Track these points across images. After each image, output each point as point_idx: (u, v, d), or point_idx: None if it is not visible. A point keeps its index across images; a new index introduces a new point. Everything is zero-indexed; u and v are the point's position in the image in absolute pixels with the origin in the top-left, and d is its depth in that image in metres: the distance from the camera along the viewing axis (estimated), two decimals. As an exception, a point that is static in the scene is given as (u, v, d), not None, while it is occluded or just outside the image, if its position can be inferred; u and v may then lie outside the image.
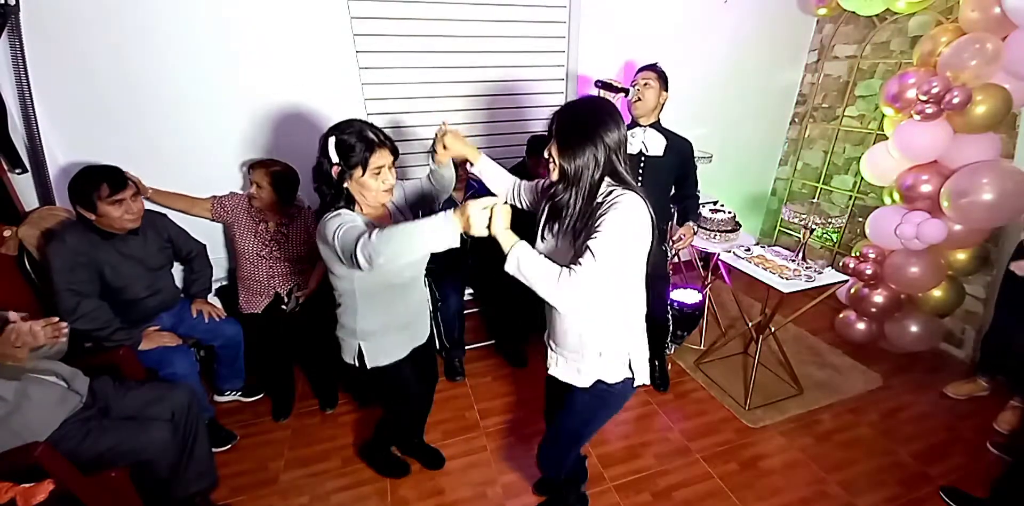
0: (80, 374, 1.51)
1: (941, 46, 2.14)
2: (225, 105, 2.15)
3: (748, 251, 2.21)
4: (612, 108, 1.10)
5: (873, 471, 1.88)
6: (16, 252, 1.79)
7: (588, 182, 1.08)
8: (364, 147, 1.20)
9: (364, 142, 1.20)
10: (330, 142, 1.20)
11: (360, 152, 1.20)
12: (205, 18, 2.00)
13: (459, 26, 2.39)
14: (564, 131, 1.09)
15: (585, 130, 1.06)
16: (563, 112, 1.12)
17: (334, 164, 1.21)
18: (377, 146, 1.22)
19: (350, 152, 1.19)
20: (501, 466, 1.91)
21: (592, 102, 1.13)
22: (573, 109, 1.12)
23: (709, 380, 2.39)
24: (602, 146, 1.06)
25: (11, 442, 1.24)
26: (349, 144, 1.19)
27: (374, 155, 1.21)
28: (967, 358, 2.53)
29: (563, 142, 1.08)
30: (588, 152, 1.06)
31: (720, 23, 2.89)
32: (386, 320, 1.42)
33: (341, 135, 1.20)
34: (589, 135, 1.06)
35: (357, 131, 1.21)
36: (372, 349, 1.43)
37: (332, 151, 1.20)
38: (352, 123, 1.23)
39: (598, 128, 1.06)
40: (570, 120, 1.09)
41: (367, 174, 1.22)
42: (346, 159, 1.20)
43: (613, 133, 1.07)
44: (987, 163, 2.09)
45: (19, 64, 1.77)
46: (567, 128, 1.08)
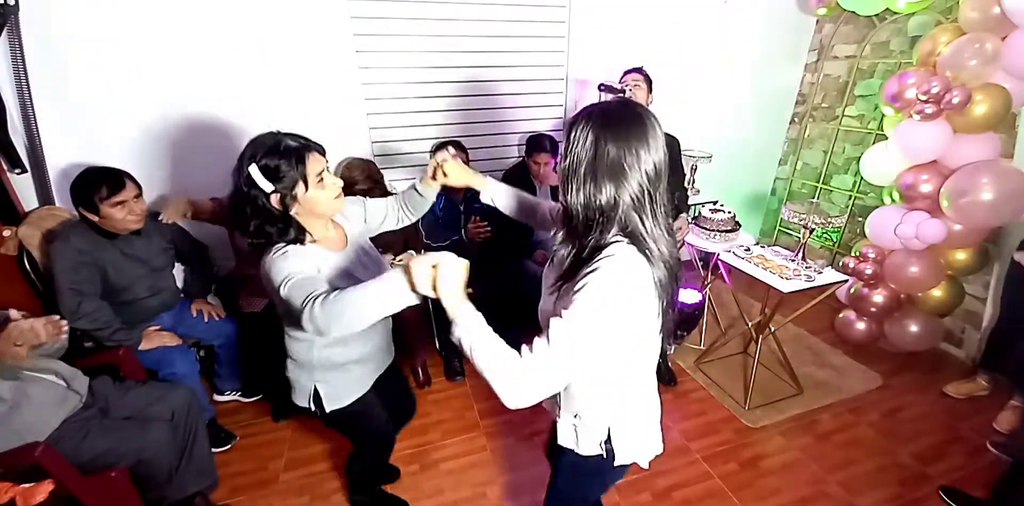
0: (80, 374, 1.51)
1: (941, 46, 2.14)
2: (225, 105, 2.15)
3: (748, 251, 2.21)
4: (650, 122, 0.79)
5: (873, 471, 1.88)
6: (16, 252, 1.79)
7: (593, 239, 0.81)
8: (294, 159, 1.02)
9: (290, 154, 1.02)
10: (253, 171, 1.00)
11: (292, 166, 1.02)
12: (205, 18, 2.01)
13: (459, 26, 2.39)
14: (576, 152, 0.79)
15: (613, 155, 0.76)
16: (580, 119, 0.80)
17: (270, 193, 1.02)
18: (305, 151, 1.04)
19: (280, 172, 1.01)
20: (501, 466, 1.91)
21: (628, 111, 0.80)
22: (600, 117, 0.78)
23: (709, 380, 2.39)
24: (629, 186, 0.78)
25: (11, 442, 1.24)
26: (275, 164, 1.01)
27: (308, 163, 1.04)
28: (967, 358, 2.53)
29: (571, 168, 0.80)
30: (607, 188, 0.78)
31: (720, 23, 2.89)
32: (347, 353, 1.25)
33: (261, 159, 1.00)
34: (617, 165, 0.77)
35: (274, 146, 1.02)
36: (331, 390, 1.26)
37: (261, 179, 1.00)
38: (261, 141, 1.03)
39: (630, 155, 0.77)
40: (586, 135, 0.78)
41: (311, 187, 1.05)
42: (281, 181, 1.01)
43: (638, 172, 0.78)
44: (987, 163, 2.09)
45: (19, 64, 1.77)
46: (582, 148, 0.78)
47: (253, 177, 1.01)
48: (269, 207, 1.03)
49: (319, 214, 1.11)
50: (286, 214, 1.05)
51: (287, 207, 1.05)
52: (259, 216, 1.04)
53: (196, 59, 2.05)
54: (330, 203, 1.10)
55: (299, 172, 1.03)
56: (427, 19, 2.33)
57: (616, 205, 0.79)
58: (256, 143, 1.04)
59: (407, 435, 2.05)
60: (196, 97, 2.10)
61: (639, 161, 0.77)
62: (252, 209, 1.04)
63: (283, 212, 1.05)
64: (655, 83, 2.08)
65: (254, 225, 1.05)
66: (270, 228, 1.05)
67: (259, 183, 1.01)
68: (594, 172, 0.78)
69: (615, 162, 0.77)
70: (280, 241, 1.06)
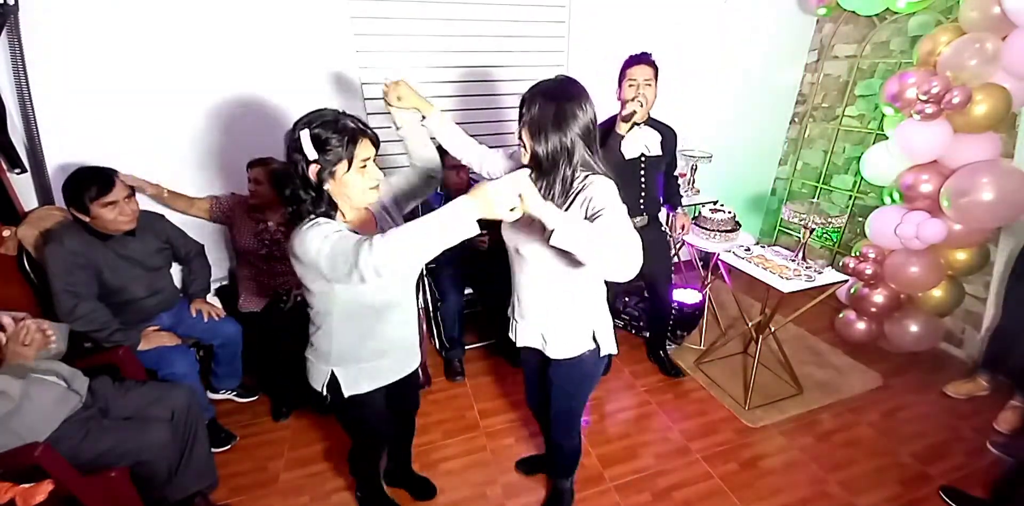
0: (80, 374, 1.51)
1: (941, 46, 2.14)
2: (225, 105, 2.15)
3: (748, 251, 2.21)
4: (581, 91, 1.09)
5: (873, 471, 1.88)
6: (16, 252, 1.79)
7: (563, 171, 1.09)
8: (346, 138, 1.04)
9: (344, 132, 1.04)
10: (303, 136, 1.02)
11: (343, 144, 1.03)
12: (205, 19, 2.00)
13: (459, 26, 2.39)
14: (535, 116, 1.07)
15: (560, 112, 1.05)
16: (535, 91, 1.09)
17: (311, 162, 1.03)
18: (360, 135, 1.06)
19: (329, 146, 1.03)
20: (501, 466, 1.91)
21: (568, 83, 1.11)
22: (548, 89, 1.08)
23: (709, 380, 2.39)
24: (574, 131, 1.06)
25: (11, 442, 1.24)
26: (327, 137, 1.03)
27: (358, 146, 1.06)
28: (967, 358, 2.53)
29: (534, 127, 1.07)
30: (560, 136, 1.06)
31: (720, 23, 2.89)
32: (366, 345, 1.25)
33: (315, 128, 1.03)
34: (563, 118, 1.05)
35: (332, 121, 1.04)
36: (346, 376, 1.25)
37: (308, 146, 1.02)
38: (323, 112, 1.07)
39: (571, 110, 1.06)
40: (542, 100, 1.07)
41: (352, 169, 1.06)
42: (326, 154, 1.03)
43: (582, 118, 1.07)
44: (987, 163, 2.09)
45: (19, 64, 1.77)
46: (540, 109, 1.06)
47: (301, 141, 1.02)
48: (306, 175, 1.04)
49: (349, 200, 1.11)
50: (320, 187, 1.06)
51: (322, 181, 1.06)
52: (295, 181, 1.06)
53: (196, 59, 2.04)
54: (364, 192, 1.10)
55: (347, 151, 1.04)
56: (427, 19, 2.32)
57: (573, 145, 1.08)
58: (315, 113, 1.07)
59: (407, 435, 2.05)
60: (196, 97, 2.10)
61: (581, 115, 1.07)
62: (287, 174, 1.07)
63: (318, 184, 1.06)
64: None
65: (291, 189, 1.07)
66: (305, 194, 1.06)
67: (304, 149, 1.02)
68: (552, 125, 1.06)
69: (563, 117, 1.05)
70: (313, 212, 1.07)
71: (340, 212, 1.13)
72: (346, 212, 1.14)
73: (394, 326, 1.28)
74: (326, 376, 1.25)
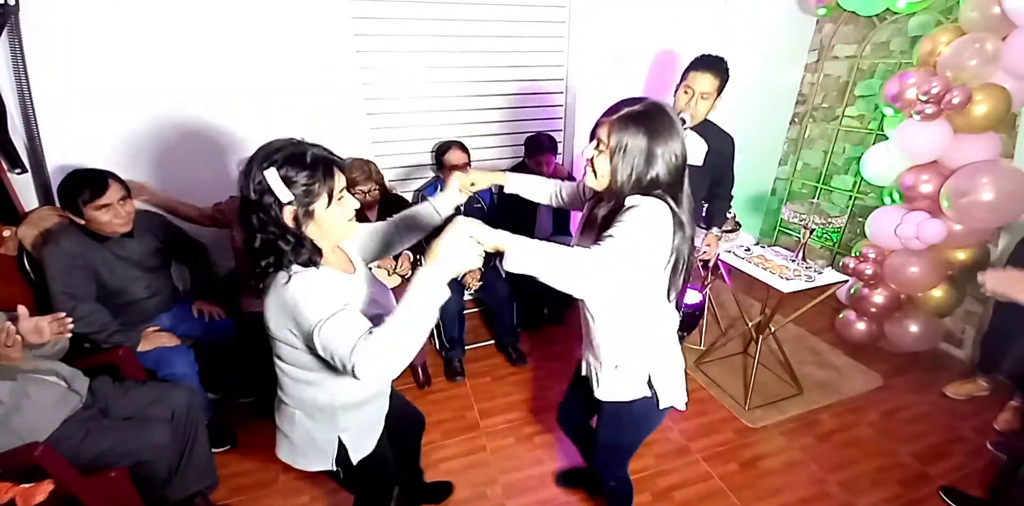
0: (80, 374, 1.51)
1: (941, 46, 2.14)
2: (226, 105, 2.15)
3: (748, 251, 2.21)
4: (673, 125, 0.99)
5: (873, 471, 1.88)
6: (16, 252, 1.79)
7: (626, 195, 0.99)
8: (321, 170, 0.90)
9: (316, 165, 0.89)
10: (270, 177, 0.86)
11: (317, 179, 0.89)
12: (205, 19, 2.00)
13: (459, 26, 2.39)
14: (622, 145, 0.96)
15: (648, 151, 0.95)
16: (625, 119, 0.97)
17: (285, 204, 0.88)
18: (332, 165, 0.93)
19: (303, 183, 0.88)
20: (501, 466, 1.91)
21: (660, 115, 0.98)
22: (636, 120, 0.96)
23: (709, 380, 2.39)
24: (656, 171, 0.97)
25: (11, 442, 1.24)
26: (296, 175, 0.88)
27: (336, 176, 0.93)
28: (967, 358, 2.53)
29: (619, 157, 0.96)
30: (646, 174, 0.96)
31: (720, 23, 2.89)
32: (375, 385, 1.10)
33: (282, 167, 0.87)
34: (652, 158, 0.96)
35: (298, 155, 0.89)
36: (355, 437, 1.08)
37: (279, 187, 0.86)
38: (281, 146, 0.90)
39: (659, 150, 0.96)
40: (632, 134, 0.96)
41: (332, 203, 0.93)
42: (302, 192, 0.89)
43: (672, 158, 0.97)
44: (987, 163, 2.09)
45: (19, 64, 1.77)
46: (627, 143, 0.95)
47: (268, 182, 0.86)
48: (278, 219, 0.89)
49: (331, 237, 0.98)
50: (299, 231, 0.92)
51: (299, 224, 0.92)
52: (268, 229, 0.90)
53: (197, 60, 2.04)
54: (345, 225, 0.98)
55: (325, 184, 0.91)
56: (427, 19, 2.32)
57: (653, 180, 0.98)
58: (274, 147, 0.90)
59: (407, 435, 2.05)
60: (197, 98, 2.09)
61: (667, 149, 0.96)
62: (259, 220, 0.89)
63: (296, 228, 0.92)
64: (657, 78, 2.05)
65: (262, 240, 0.91)
66: (284, 244, 0.90)
67: (276, 190, 0.87)
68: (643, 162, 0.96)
69: (654, 154, 0.96)
70: (293, 262, 0.92)
71: (322, 259, 0.98)
72: (327, 255, 1.00)
73: None
74: (334, 447, 1.06)
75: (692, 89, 1.71)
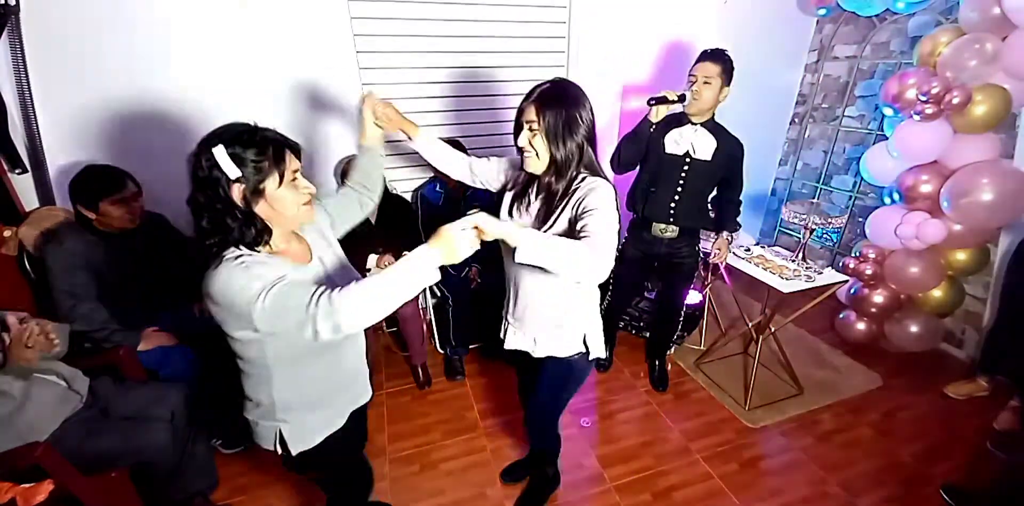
0: (80, 374, 1.51)
1: (941, 46, 2.14)
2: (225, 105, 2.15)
3: (748, 251, 2.21)
4: (582, 93, 1.14)
5: (873, 471, 1.88)
6: (16, 252, 1.79)
7: (572, 171, 1.13)
8: (271, 149, 0.90)
9: (266, 144, 0.90)
10: (218, 153, 0.86)
11: (267, 157, 0.89)
12: (205, 19, 2.00)
13: (459, 26, 2.39)
14: (552, 119, 1.09)
15: (572, 118, 1.09)
16: (545, 98, 1.10)
17: (234, 181, 0.87)
18: (284, 146, 0.93)
19: (252, 161, 0.88)
20: (501, 466, 1.90)
21: (570, 87, 1.14)
22: (556, 95, 1.11)
23: (709, 380, 2.39)
24: (582, 134, 1.11)
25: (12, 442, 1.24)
26: (245, 153, 0.88)
27: (286, 158, 0.93)
28: (967, 358, 2.53)
29: (552, 130, 1.09)
30: (574, 141, 1.10)
31: (720, 23, 2.89)
32: (315, 389, 1.08)
33: (232, 145, 0.87)
34: (575, 123, 1.09)
35: (248, 132, 0.90)
36: (297, 430, 1.07)
37: (227, 163, 0.86)
38: (233, 126, 0.91)
39: (581, 116, 1.10)
40: (555, 107, 1.09)
41: (284, 184, 0.92)
42: (251, 170, 0.88)
43: (587, 121, 1.12)
44: (987, 163, 2.09)
45: (19, 64, 1.77)
46: (555, 116, 1.09)
47: (216, 158, 0.86)
48: (228, 197, 0.88)
49: (283, 220, 0.96)
50: (249, 209, 0.90)
51: (249, 203, 0.90)
52: (216, 206, 0.89)
53: (197, 59, 2.04)
54: (298, 209, 0.96)
55: (275, 164, 0.90)
56: (428, 19, 2.32)
57: (582, 148, 1.13)
58: (226, 128, 0.91)
59: (407, 435, 2.05)
60: (197, 97, 2.09)
61: (587, 118, 1.12)
62: (207, 198, 0.88)
63: (245, 206, 0.90)
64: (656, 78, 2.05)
65: (209, 218, 0.89)
66: (231, 221, 0.89)
67: (224, 166, 0.86)
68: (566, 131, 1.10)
69: (575, 122, 1.10)
70: (240, 241, 0.91)
71: (267, 245, 0.96)
72: (277, 238, 0.98)
73: (350, 357, 1.15)
74: (275, 435, 1.06)
75: (695, 76, 1.85)
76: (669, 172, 1.95)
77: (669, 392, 2.33)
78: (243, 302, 0.84)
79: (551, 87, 1.12)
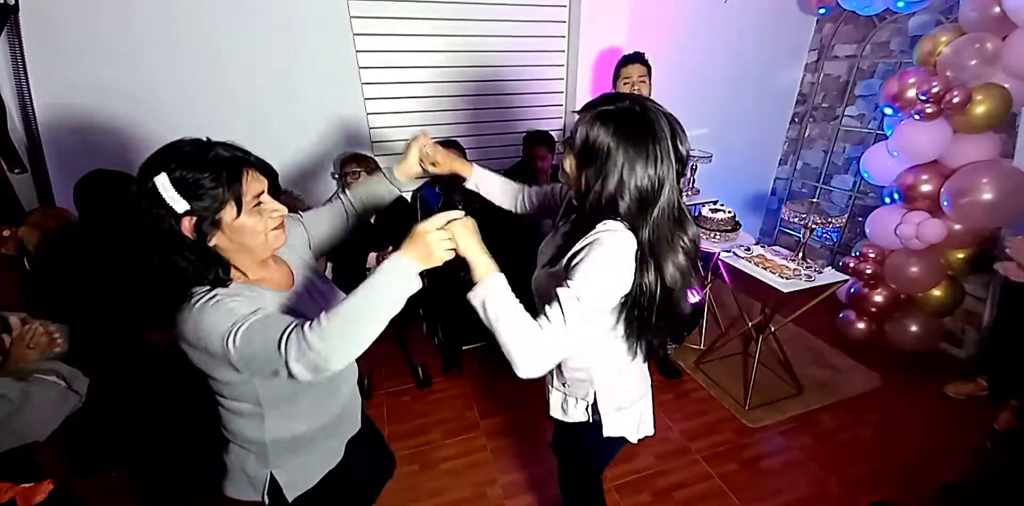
0: (80, 374, 1.50)
1: (941, 46, 2.14)
2: (225, 105, 2.15)
3: (748, 251, 2.21)
4: (663, 129, 0.84)
5: (873, 471, 1.88)
6: (16, 252, 1.79)
7: (601, 217, 0.87)
8: (224, 173, 0.77)
9: (218, 166, 0.77)
10: (160, 184, 0.73)
11: (220, 182, 0.76)
12: (205, 19, 2.00)
13: (459, 26, 2.39)
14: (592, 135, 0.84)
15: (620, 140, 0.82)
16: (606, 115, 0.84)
17: (181, 216, 0.75)
18: (242, 164, 0.80)
19: (201, 188, 0.75)
20: (501, 466, 1.91)
21: (649, 114, 0.85)
22: (618, 115, 0.84)
23: (709, 380, 2.39)
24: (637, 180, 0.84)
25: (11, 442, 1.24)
26: (195, 178, 0.75)
27: (245, 180, 0.79)
28: (967, 358, 2.53)
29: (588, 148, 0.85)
30: (613, 178, 0.84)
31: (720, 23, 2.89)
32: (311, 423, 0.97)
33: (175, 170, 0.74)
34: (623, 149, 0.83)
35: (197, 153, 0.77)
36: (291, 475, 0.97)
37: (171, 195, 0.74)
38: (178, 146, 0.78)
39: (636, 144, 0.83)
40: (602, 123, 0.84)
41: (244, 212, 0.79)
42: (200, 200, 0.75)
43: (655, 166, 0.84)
44: (987, 163, 2.09)
45: (19, 64, 1.77)
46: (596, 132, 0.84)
47: (159, 190, 0.73)
48: (175, 233, 0.76)
49: (249, 250, 0.84)
50: (202, 244, 0.78)
51: (203, 235, 0.78)
52: (163, 246, 0.77)
53: (196, 59, 2.04)
54: (269, 235, 0.84)
55: (231, 189, 0.77)
56: (427, 19, 2.33)
57: (625, 194, 0.85)
58: (166, 150, 0.77)
59: (407, 435, 2.05)
60: (196, 97, 2.09)
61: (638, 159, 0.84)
62: (152, 237, 0.76)
63: (197, 241, 0.78)
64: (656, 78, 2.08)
65: (159, 258, 0.78)
66: (182, 261, 0.78)
67: (167, 200, 0.73)
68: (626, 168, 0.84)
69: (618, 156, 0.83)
70: (200, 282, 0.79)
71: (240, 271, 0.85)
72: (247, 269, 0.86)
73: (344, 386, 1.04)
74: (263, 483, 0.95)
75: (630, 78, 2.02)
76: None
77: (669, 392, 2.33)
78: (213, 344, 0.75)
79: (613, 106, 0.85)
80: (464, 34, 2.42)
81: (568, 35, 2.61)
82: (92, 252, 1.61)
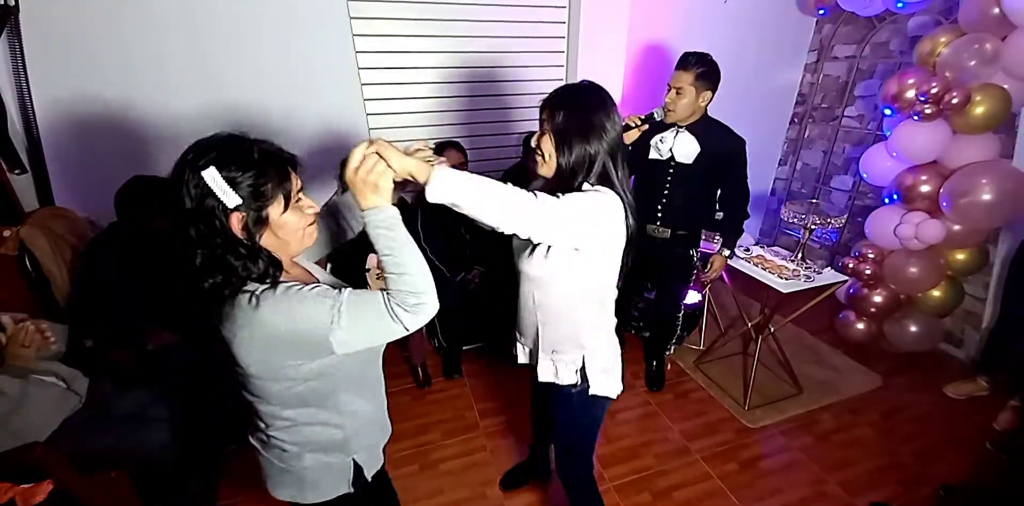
0: (79, 375, 1.51)
1: (941, 46, 2.14)
2: (224, 106, 2.15)
3: (748, 251, 2.21)
4: (608, 99, 1.03)
5: (873, 471, 1.88)
6: (16, 252, 1.79)
7: (577, 181, 1.02)
8: (272, 169, 0.76)
9: (266, 163, 0.76)
10: (210, 177, 0.71)
11: (269, 178, 0.75)
12: (205, 19, 2.00)
13: (459, 26, 2.39)
14: (563, 120, 1.00)
15: (587, 123, 0.99)
16: (561, 98, 1.02)
17: (232, 211, 0.73)
18: (287, 163, 0.80)
19: (250, 185, 0.74)
20: (501, 466, 1.90)
21: (593, 90, 1.04)
22: (573, 96, 1.02)
23: (709, 380, 2.39)
24: (600, 144, 1.00)
25: (11, 442, 1.24)
26: (242, 175, 0.73)
27: (292, 176, 0.80)
28: (967, 358, 2.53)
29: (560, 133, 1.00)
30: (586, 148, 1.00)
31: (720, 23, 2.89)
32: (373, 400, 0.98)
33: (226, 163, 0.72)
34: (590, 129, 0.99)
35: (243, 151, 0.75)
36: (367, 453, 0.98)
37: (223, 189, 0.72)
38: (221, 143, 0.75)
39: (599, 122, 0.99)
40: (569, 108, 1.00)
41: (290, 209, 0.79)
42: (252, 195, 0.74)
43: (611, 131, 1.01)
44: (987, 163, 2.09)
45: (19, 65, 1.77)
46: (567, 118, 1.00)
47: (209, 184, 0.71)
48: (226, 230, 0.74)
49: (288, 248, 0.83)
50: (253, 241, 0.77)
51: (252, 233, 0.76)
52: (213, 242, 0.74)
53: (196, 59, 2.04)
54: (305, 231, 0.83)
55: (280, 186, 0.77)
56: (427, 19, 2.33)
57: (595, 157, 1.01)
58: (211, 142, 0.75)
59: (407, 435, 2.05)
60: (196, 97, 2.09)
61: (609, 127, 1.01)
62: (200, 232, 0.73)
63: (248, 238, 0.76)
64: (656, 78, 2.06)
65: (204, 256, 0.74)
66: (234, 259, 0.75)
67: (219, 193, 0.71)
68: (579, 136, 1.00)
69: (591, 128, 1.00)
70: (246, 279, 0.77)
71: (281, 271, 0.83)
72: (287, 269, 0.85)
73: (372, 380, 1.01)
74: (350, 470, 0.94)
75: (669, 85, 1.82)
76: (655, 177, 1.98)
77: (669, 392, 2.33)
78: (317, 328, 0.75)
79: (571, 87, 1.05)
80: (464, 35, 2.42)
81: (567, 36, 2.61)
82: (99, 255, 1.61)
